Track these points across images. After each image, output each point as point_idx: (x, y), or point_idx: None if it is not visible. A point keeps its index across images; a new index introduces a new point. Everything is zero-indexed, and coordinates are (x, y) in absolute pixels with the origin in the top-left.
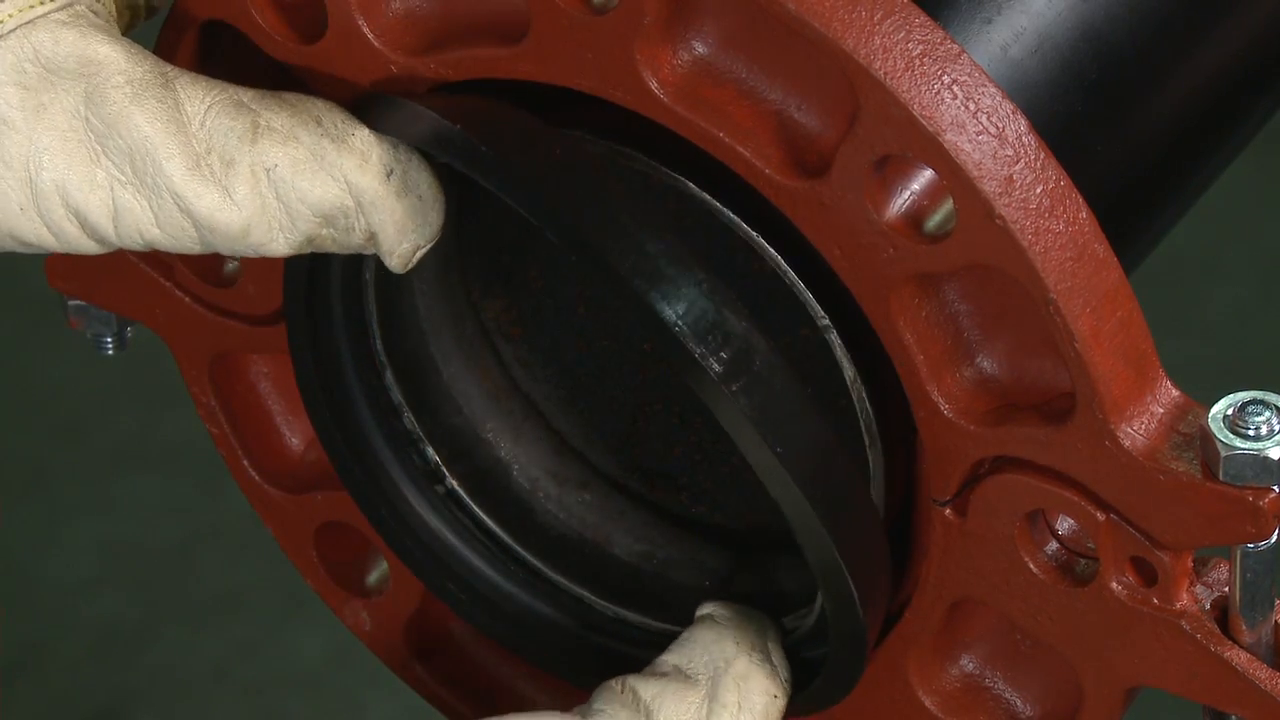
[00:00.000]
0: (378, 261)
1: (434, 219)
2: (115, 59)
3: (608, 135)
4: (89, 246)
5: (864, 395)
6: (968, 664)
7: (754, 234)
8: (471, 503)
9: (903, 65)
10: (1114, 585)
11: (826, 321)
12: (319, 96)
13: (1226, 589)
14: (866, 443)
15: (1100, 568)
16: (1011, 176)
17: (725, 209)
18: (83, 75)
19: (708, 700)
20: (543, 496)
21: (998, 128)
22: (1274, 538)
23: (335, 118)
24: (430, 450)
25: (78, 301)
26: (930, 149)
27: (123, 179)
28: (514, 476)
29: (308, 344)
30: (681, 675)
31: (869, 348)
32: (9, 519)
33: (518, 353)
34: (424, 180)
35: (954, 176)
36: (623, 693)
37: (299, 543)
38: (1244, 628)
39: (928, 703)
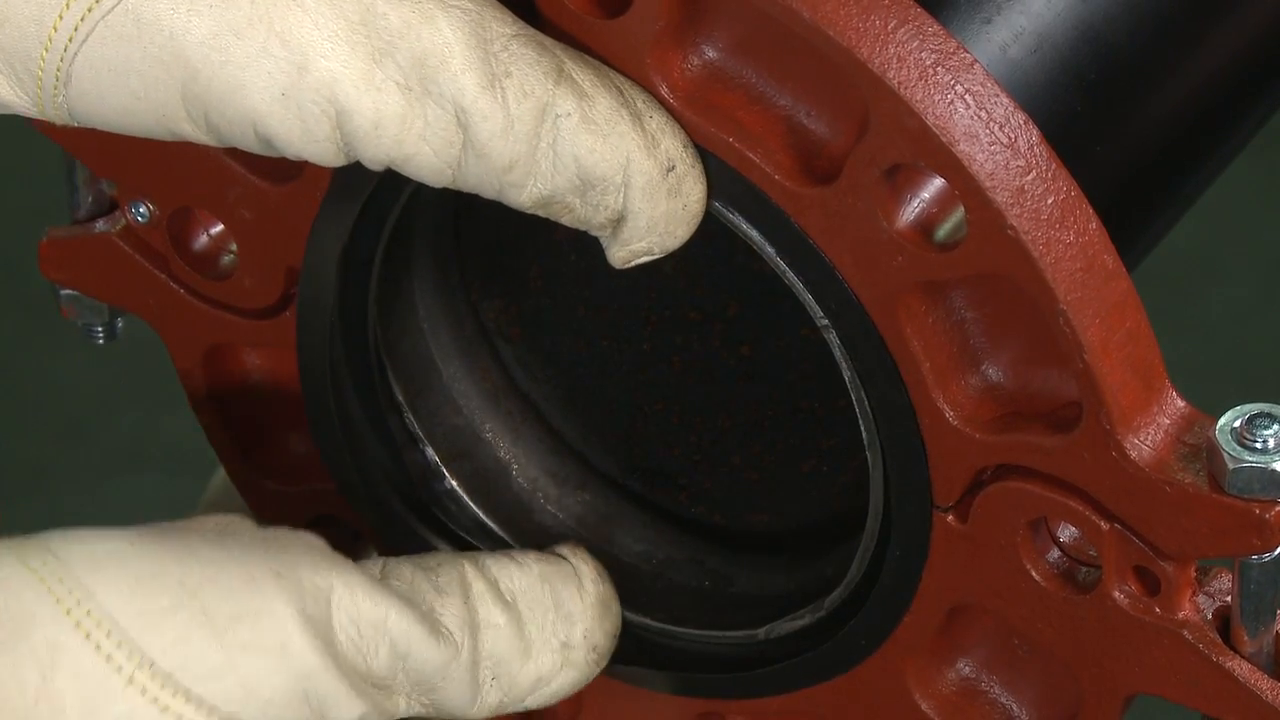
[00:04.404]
0: (378, 262)
1: (683, 234)
2: None
3: None
4: (328, 154)
5: (863, 397)
6: (965, 668)
7: (754, 234)
8: (470, 503)
9: (916, 74)
10: (1116, 594)
11: (826, 322)
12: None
13: (1228, 599)
14: (865, 443)
15: (1103, 576)
16: (1023, 187)
17: (727, 210)
18: None
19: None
20: (542, 497)
21: (1010, 138)
22: (1278, 550)
23: (637, 94)
24: (430, 450)
25: (70, 291)
26: (943, 159)
27: (403, 83)
28: (513, 477)
29: (315, 342)
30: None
31: (872, 350)
32: (9, 519)
33: (517, 353)
34: (696, 193)
35: (966, 187)
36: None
37: None
38: (1246, 638)
39: (924, 707)
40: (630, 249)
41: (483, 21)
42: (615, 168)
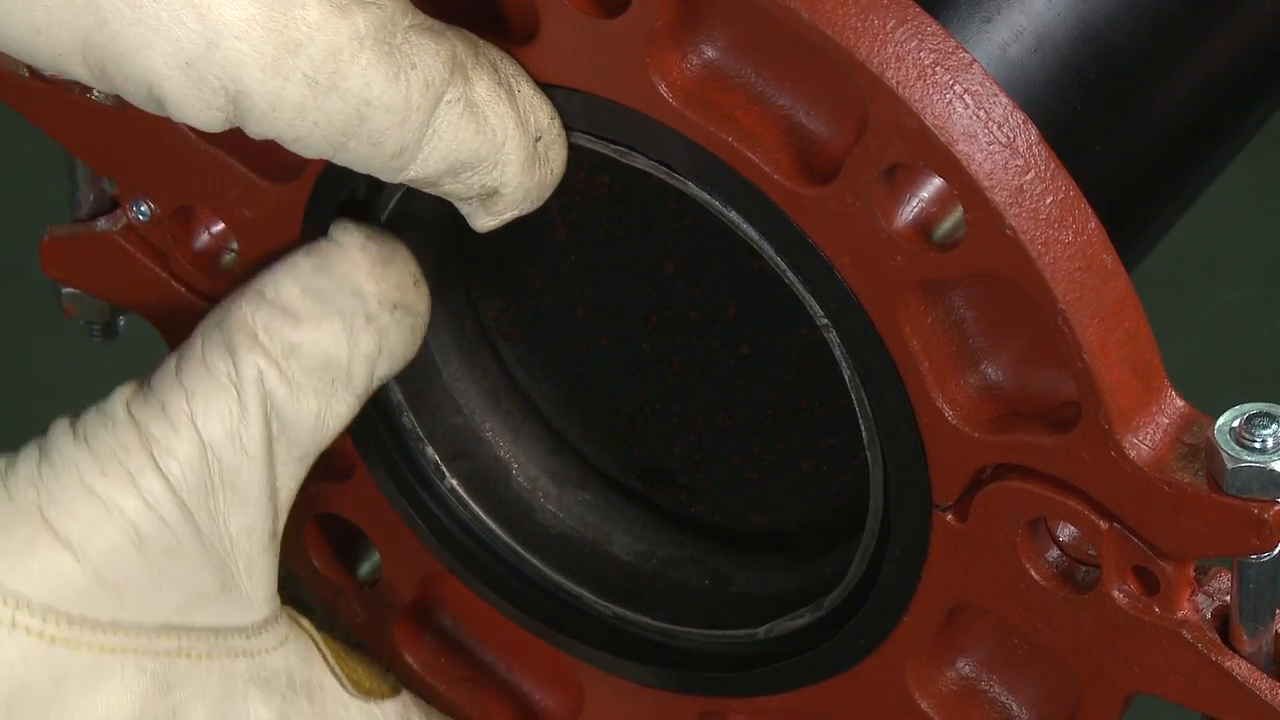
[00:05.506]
0: None
1: (547, 195)
2: None
3: (610, 134)
4: (214, 123)
5: (863, 396)
6: (965, 668)
7: (754, 234)
8: (471, 502)
9: (915, 74)
10: (1115, 593)
11: (826, 321)
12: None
13: (1227, 598)
14: (865, 442)
15: (1102, 576)
16: (1022, 187)
17: (726, 209)
18: None
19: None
20: (542, 496)
21: (1009, 138)
22: (1277, 549)
23: (508, 65)
24: (430, 450)
25: (71, 289)
26: (942, 159)
27: (311, 75)
28: (513, 476)
29: None
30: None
31: (872, 350)
32: None
33: (517, 353)
34: (560, 157)
35: (965, 187)
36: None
37: (292, 534)
38: (1245, 637)
39: (924, 706)
40: (501, 218)
41: (394, 16)
42: (494, 147)
